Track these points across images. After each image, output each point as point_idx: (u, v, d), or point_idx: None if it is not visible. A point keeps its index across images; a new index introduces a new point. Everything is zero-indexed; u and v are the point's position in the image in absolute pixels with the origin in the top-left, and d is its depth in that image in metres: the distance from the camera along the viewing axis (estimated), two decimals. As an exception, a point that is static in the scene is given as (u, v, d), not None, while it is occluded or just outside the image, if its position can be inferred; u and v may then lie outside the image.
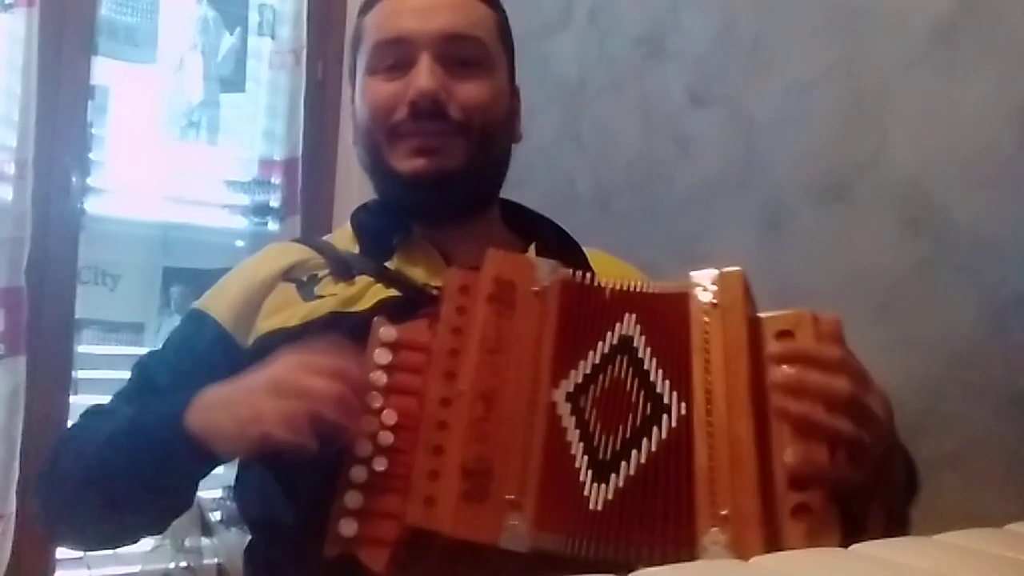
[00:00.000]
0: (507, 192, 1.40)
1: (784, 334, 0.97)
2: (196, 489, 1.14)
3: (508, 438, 0.95)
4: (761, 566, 0.61)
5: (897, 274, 1.53)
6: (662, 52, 1.95)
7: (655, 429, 0.96)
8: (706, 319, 0.99)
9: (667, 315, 1.02)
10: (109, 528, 1.19)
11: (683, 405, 0.96)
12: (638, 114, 1.98)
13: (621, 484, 0.94)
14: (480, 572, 0.93)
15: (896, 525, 1.04)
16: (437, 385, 0.98)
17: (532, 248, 1.30)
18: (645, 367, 1.00)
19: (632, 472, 0.94)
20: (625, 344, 1.01)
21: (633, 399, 0.98)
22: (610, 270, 1.32)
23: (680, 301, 1.02)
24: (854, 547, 0.65)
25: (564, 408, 0.98)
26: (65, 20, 2.10)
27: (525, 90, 1.41)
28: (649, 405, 0.98)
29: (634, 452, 0.95)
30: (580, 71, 2.11)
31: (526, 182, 1.40)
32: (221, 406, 1.02)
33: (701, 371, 0.97)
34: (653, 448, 0.95)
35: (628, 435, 0.97)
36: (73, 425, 1.25)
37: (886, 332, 1.48)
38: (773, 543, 0.86)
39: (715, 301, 1.00)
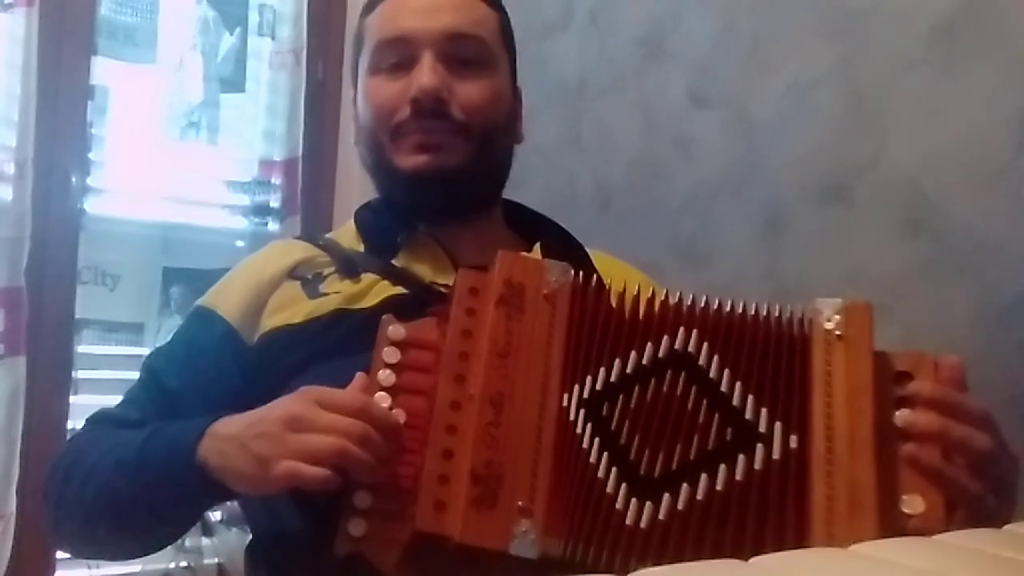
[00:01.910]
0: (507, 192, 1.40)
1: (903, 375, 0.95)
2: (201, 516, 1.14)
3: (518, 443, 0.94)
4: (761, 566, 0.61)
5: (897, 275, 1.53)
6: (662, 53, 1.95)
7: (741, 457, 0.94)
8: (829, 350, 0.97)
9: (759, 338, 1.00)
10: (117, 547, 1.20)
11: (793, 437, 0.94)
12: (638, 115, 1.98)
13: (682, 506, 0.93)
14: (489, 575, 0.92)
15: None
16: (447, 388, 0.97)
17: (536, 248, 1.30)
18: (722, 389, 0.97)
19: (702, 496, 0.93)
20: (679, 359, 0.99)
21: (700, 420, 0.96)
22: (614, 272, 1.32)
23: (791, 326, 0.99)
24: (853, 547, 0.65)
25: (577, 414, 0.96)
26: (65, 20, 2.09)
27: (525, 90, 1.41)
28: (730, 430, 0.95)
29: (704, 476, 0.93)
30: (580, 71, 2.11)
31: (526, 182, 1.40)
32: (236, 443, 1.00)
33: (822, 404, 0.95)
34: (738, 476, 0.93)
35: (693, 456, 0.94)
36: (81, 432, 1.23)
37: (886, 333, 1.47)
38: None
39: (839, 332, 0.97)
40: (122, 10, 2.23)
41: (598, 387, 0.98)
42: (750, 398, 0.96)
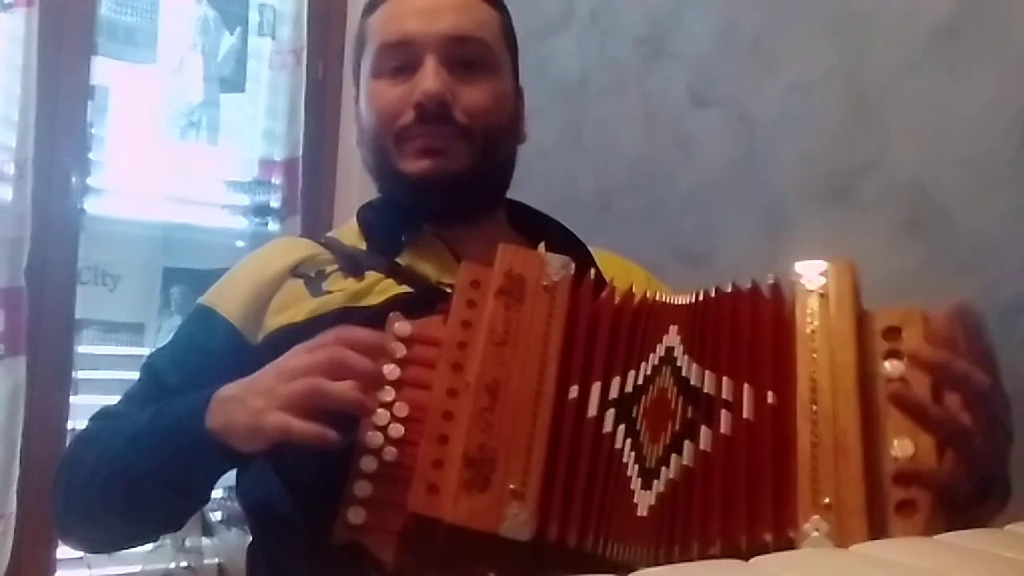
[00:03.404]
0: (508, 192, 1.40)
1: (892, 330, 0.97)
2: (214, 486, 1.14)
3: (512, 428, 0.95)
4: (761, 566, 0.61)
5: (898, 275, 1.53)
6: (663, 52, 1.95)
7: (704, 428, 0.96)
8: (813, 308, 0.99)
9: (731, 315, 1.02)
10: (131, 528, 1.20)
11: (770, 395, 0.95)
12: (639, 114, 1.98)
13: (663, 489, 0.95)
14: (484, 560, 0.93)
15: None
16: (445, 376, 0.99)
17: (541, 246, 1.31)
18: (684, 374, 1.00)
19: (676, 476, 0.95)
20: (668, 356, 1.02)
21: (673, 407, 0.98)
22: (616, 269, 1.33)
23: (773, 293, 1.02)
24: (854, 547, 0.65)
25: (601, 412, 0.98)
26: (65, 20, 2.09)
27: (526, 90, 1.41)
28: (691, 408, 0.97)
29: (673, 457, 0.95)
30: (581, 71, 2.11)
31: (527, 183, 1.40)
32: (236, 402, 1.02)
33: (807, 360, 0.96)
34: (705, 447, 0.95)
35: (668, 441, 0.97)
36: (86, 428, 1.24)
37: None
38: (876, 535, 0.85)
39: (823, 291, 1.00)
40: (122, 10, 2.22)
41: (629, 390, 1.00)
42: (707, 374, 0.98)
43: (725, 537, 0.90)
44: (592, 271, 1.09)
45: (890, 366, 0.94)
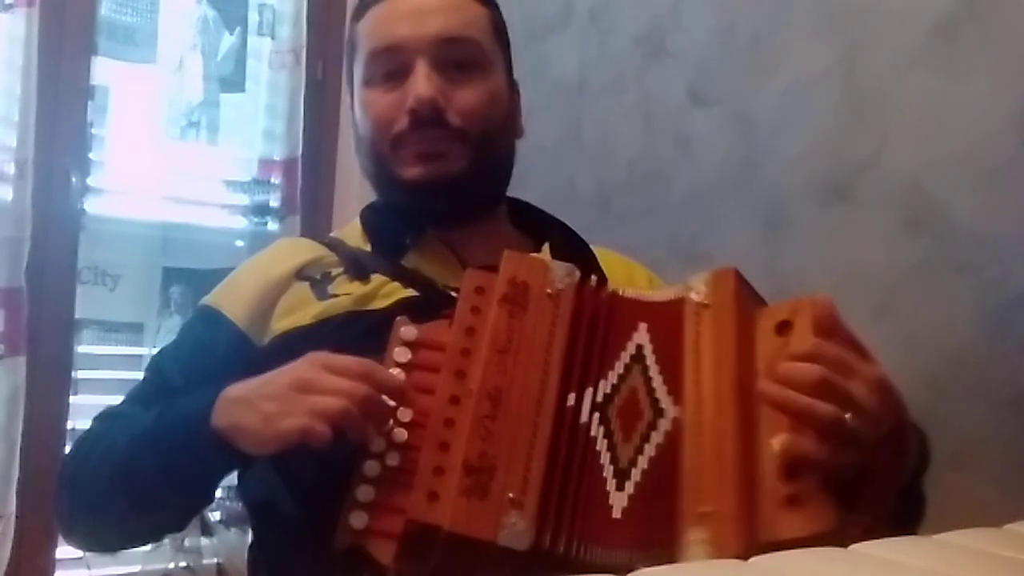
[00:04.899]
0: (508, 191, 1.39)
1: (783, 324, 0.97)
2: (218, 486, 1.15)
3: (513, 437, 0.95)
4: (761, 566, 0.61)
5: (897, 273, 1.53)
6: (662, 51, 1.95)
7: (653, 434, 0.97)
8: (697, 320, 1.00)
9: (668, 321, 1.03)
10: (135, 528, 1.20)
11: (676, 408, 0.97)
12: (638, 114, 1.98)
13: (632, 491, 0.95)
14: (483, 568, 0.93)
15: (909, 503, 1.05)
16: (448, 383, 1.00)
17: (546, 248, 1.30)
18: (650, 374, 1.01)
19: (639, 479, 0.95)
20: (639, 354, 1.02)
21: (641, 407, 0.99)
22: (617, 267, 1.33)
23: (676, 306, 1.03)
24: (854, 547, 0.65)
25: (590, 417, 0.98)
26: (65, 20, 2.09)
27: (525, 90, 1.41)
28: (651, 412, 0.98)
29: (640, 458, 0.96)
30: (580, 71, 2.11)
31: (526, 182, 1.40)
32: (245, 404, 1.02)
33: (692, 372, 0.98)
34: (653, 453, 0.96)
35: (638, 442, 0.97)
36: (90, 429, 1.24)
37: (886, 331, 1.48)
38: (758, 536, 0.85)
39: (705, 302, 1.01)
40: (122, 10, 2.22)
41: (607, 391, 1.00)
42: (661, 379, 1.00)
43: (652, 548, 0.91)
44: (594, 275, 1.09)
45: (767, 361, 0.95)
